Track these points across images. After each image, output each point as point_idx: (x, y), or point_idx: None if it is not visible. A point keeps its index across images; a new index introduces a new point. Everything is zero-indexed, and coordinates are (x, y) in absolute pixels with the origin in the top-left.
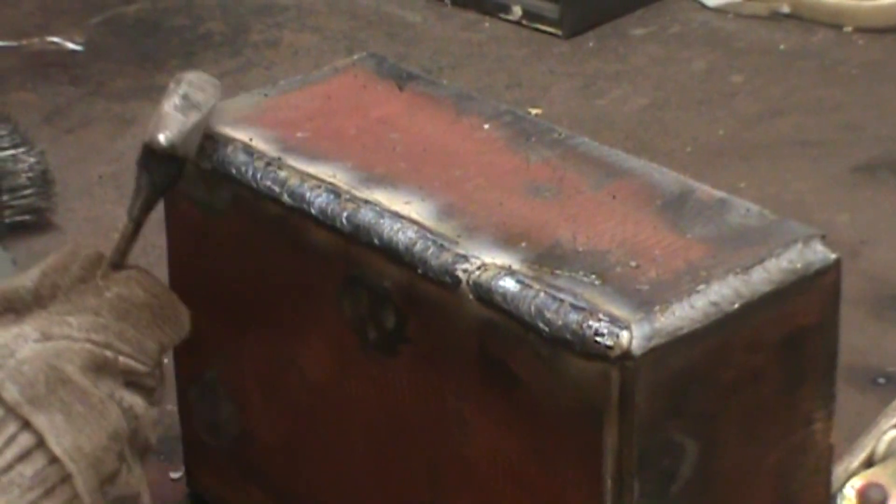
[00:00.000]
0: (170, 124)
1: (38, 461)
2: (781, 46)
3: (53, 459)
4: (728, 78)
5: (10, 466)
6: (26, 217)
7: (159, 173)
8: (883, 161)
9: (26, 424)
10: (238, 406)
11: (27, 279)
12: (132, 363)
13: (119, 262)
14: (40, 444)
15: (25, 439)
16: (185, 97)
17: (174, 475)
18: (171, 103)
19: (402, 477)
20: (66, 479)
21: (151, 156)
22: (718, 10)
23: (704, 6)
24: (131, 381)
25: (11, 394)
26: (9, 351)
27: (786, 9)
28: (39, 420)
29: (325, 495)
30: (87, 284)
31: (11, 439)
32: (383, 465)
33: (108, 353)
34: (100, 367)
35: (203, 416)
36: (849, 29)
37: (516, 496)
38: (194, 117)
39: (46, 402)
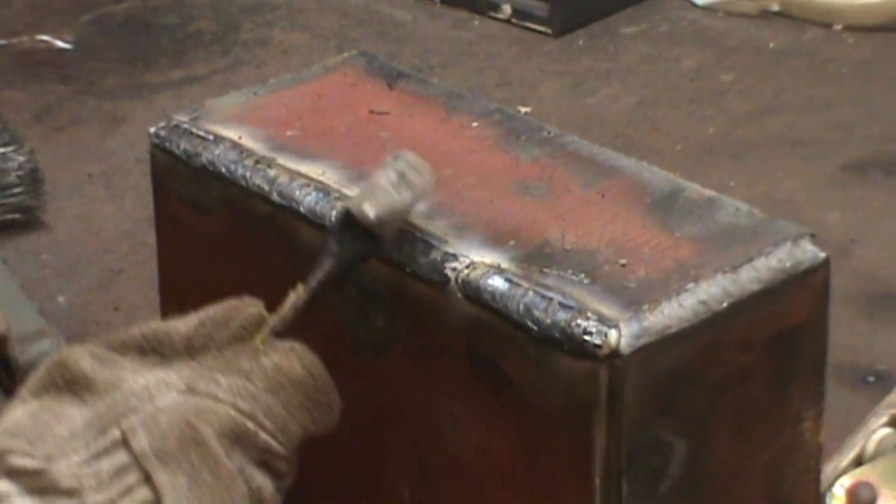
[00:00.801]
0: (381, 198)
1: None
2: (771, 45)
3: None
4: (718, 76)
5: None
6: (16, 216)
7: (350, 246)
8: (873, 160)
9: (147, 478)
10: None
11: (181, 324)
12: (272, 442)
13: (282, 330)
14: (156, 503)
15: (143, 494)
16: (402, 175)
17: None
18: (387, 177)
19: (393, 475)
20: None
21: (348, 225)
22: (708, 9)
23: (694, 4)
24: (264, 460)
25: (140, 442)
26: (149, 395)
27: (775, 7)
28: (162, 478)
29: (315, 493)
30: (244, 345)
31: (128, 490)
32: (373, 462)
33: (250, 425)
34: (238, 438)
35: None
36: (839, 27)
37: (506, 494)
38: (407, 198)
39: (174, 460)
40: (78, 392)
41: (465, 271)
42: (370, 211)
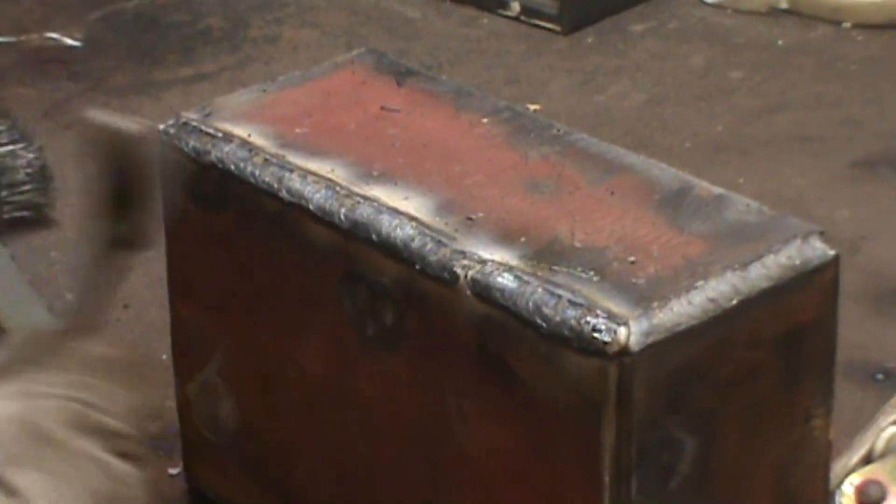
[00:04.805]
0: None
1: None
2: (780, 42)
3: None
4: (727, 74)
5: None
6: (25, 213)
7: None
8: (882, 156)
9: (8, 488)
10: (237, 402)
11: None
12: (117, 424)
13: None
14: None
15: None
16: None
17: (173, 471)
18: None
19: (401, 472)
20: None
21: None
22: (717, 6)
23: (703, 2)
24: (120, 447)
25: None
26: None
27: (784, 4)
28: (21, 481)
29: (324, 491)
30: (59, 350)
31: None
32: (382, 460)
33: (92, 413)
34: (84, 426)
35: (202, 411)
36: (847, 24)
37: (515, 491)
38: None
39: (28, 461)
40: None
41: (475, 269)
42: None
